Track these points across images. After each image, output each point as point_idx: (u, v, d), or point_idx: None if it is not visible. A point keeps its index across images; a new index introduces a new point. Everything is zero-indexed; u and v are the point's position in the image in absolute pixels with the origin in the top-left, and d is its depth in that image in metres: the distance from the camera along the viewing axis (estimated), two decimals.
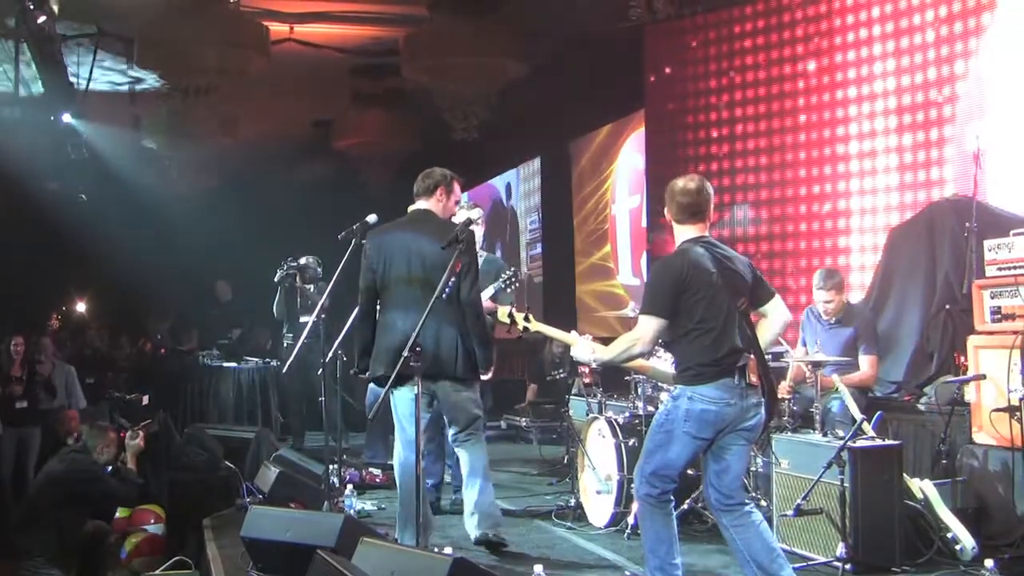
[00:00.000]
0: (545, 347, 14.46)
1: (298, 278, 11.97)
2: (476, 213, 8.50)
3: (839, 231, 11.06)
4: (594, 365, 6.31)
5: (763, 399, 5.72)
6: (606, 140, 16.06)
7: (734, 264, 5.84)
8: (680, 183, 5.92)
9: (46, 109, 14.75)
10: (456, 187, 7.59)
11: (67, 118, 15.10)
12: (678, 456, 5.72)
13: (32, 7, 11.31)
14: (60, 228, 16.59)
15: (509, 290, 8.67)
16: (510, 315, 6.58)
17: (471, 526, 7.27)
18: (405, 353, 6.02)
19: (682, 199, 5.86)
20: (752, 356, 5.69)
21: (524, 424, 13.91)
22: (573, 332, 6.37)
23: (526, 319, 6.58)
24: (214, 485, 9.63)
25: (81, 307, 18.92)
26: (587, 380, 13.20)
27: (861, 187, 10.80)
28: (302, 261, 12.02)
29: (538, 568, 5.43)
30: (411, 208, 7.48)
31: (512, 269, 8.90)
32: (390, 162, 17.22)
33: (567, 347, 13.86)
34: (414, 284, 7.04)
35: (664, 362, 6.95)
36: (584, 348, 6.12)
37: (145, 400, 10.81)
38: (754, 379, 5.66)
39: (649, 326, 5.64)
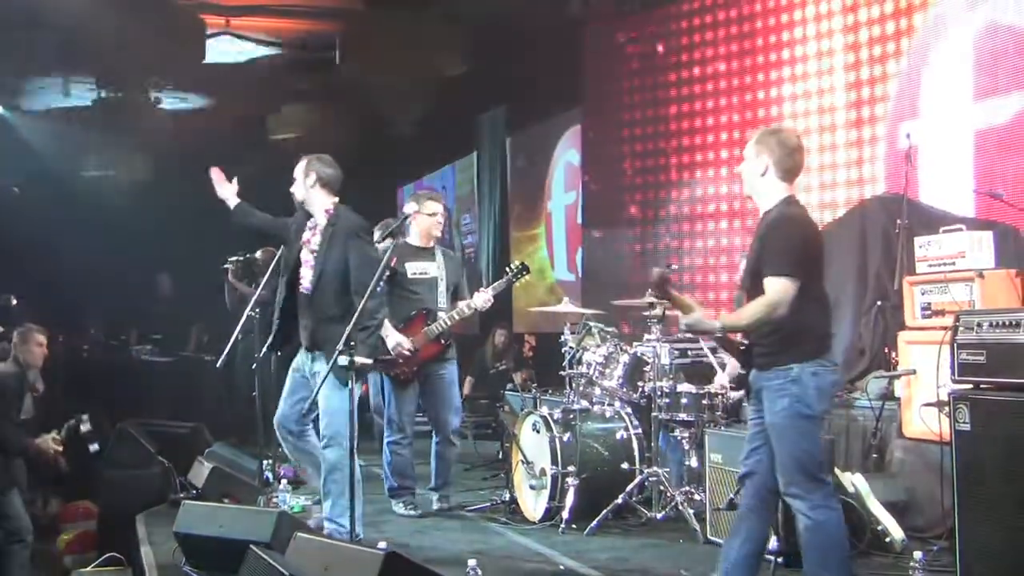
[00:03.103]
0: (488, 340, 14.43)
1: (230, 273, 11.69)
2: (410, 208, 8.54)
3: None
4: (718, 333, 5.85)
5: None
6: (543, 137, 16.06)
7: (817, 226, 5.63)
8: (794, 138, 5.54)
9: None
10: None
11: None
12: (820, 439, 5.37)
13: None
14: None
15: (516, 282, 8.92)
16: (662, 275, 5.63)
17: None
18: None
19: (798, 156, 5.47)
20: None
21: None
22: (686, 296, 5.91)
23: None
24: (147, 480, 9.55)
25: (13, 302, 18.57)
26: (523, 376, 13.24)
27: None
28: (258, 255, 11.48)
29: (472, 562, 5.42)
30: None
31: (519, 263, 8.89)
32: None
33: (509, 340, 13.93)
34: None
35: None
36: (702, 313, 5.45)
37: (85, 426, 10.63)
38: None
39: (788, 289, 5.17)
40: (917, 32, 9.55)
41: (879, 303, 8.53)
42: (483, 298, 8.43)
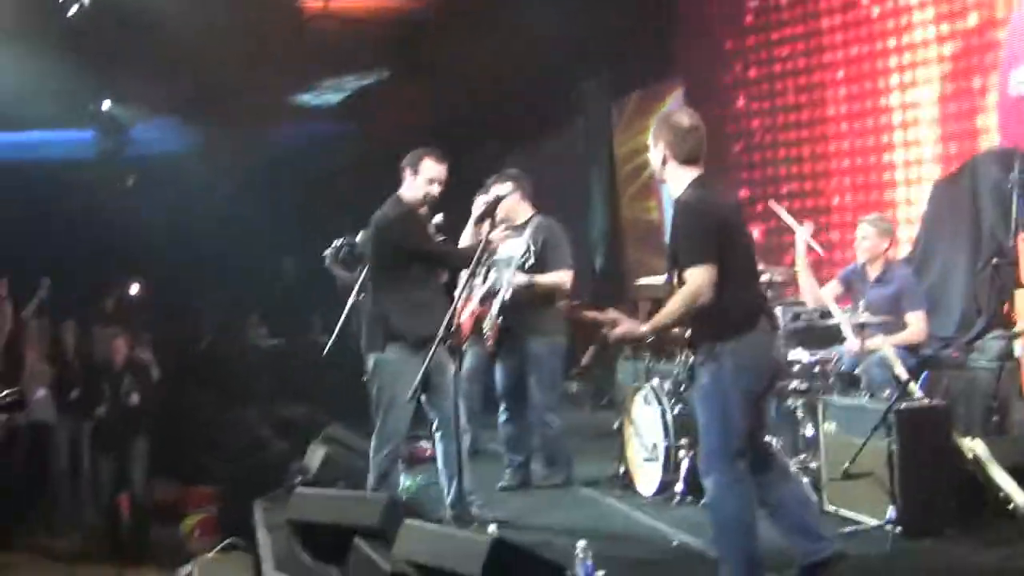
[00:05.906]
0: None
1: (328, 260, 11.46)
2: (504, 188, 8.28)
3: (884, 184, 10.90)
4: (651, 337, 5.89)
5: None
6: (645, 103, 15.83)
7: (732, 202, 5.74)
8: (685, 119, 5.50)
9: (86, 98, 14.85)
10: (425, 163, 7.42)
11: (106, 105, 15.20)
12: (741, 418, 5.34)
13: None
14: (110, 215, 16.59)
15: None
16: None
17: None
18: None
19: (692, 136, 5.44)
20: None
21: (575, 390, 13.72)
22: (609, 311, 5.95)
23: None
24: (264, 465, 9.67)
25: (135, 289, 18.89)
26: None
27: (904, 139, 10.65)
28: (358, 238, 11.22)
29: (580, 543, 5.37)
30: None
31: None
32: (427, 137, 17.11)
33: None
34: None
35: None
36: (629, 324, 5.54)
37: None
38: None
39: (704, 275, 5.17)
40: None
41: (994, 261, 8.30)
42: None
